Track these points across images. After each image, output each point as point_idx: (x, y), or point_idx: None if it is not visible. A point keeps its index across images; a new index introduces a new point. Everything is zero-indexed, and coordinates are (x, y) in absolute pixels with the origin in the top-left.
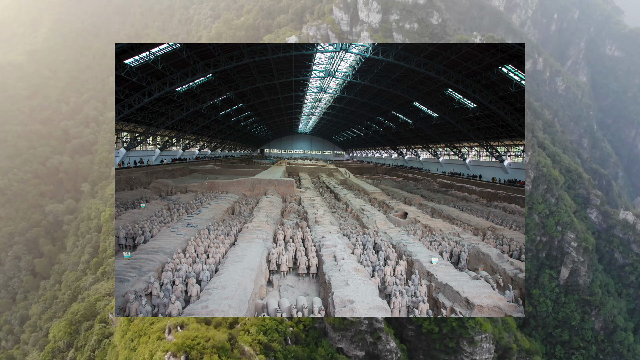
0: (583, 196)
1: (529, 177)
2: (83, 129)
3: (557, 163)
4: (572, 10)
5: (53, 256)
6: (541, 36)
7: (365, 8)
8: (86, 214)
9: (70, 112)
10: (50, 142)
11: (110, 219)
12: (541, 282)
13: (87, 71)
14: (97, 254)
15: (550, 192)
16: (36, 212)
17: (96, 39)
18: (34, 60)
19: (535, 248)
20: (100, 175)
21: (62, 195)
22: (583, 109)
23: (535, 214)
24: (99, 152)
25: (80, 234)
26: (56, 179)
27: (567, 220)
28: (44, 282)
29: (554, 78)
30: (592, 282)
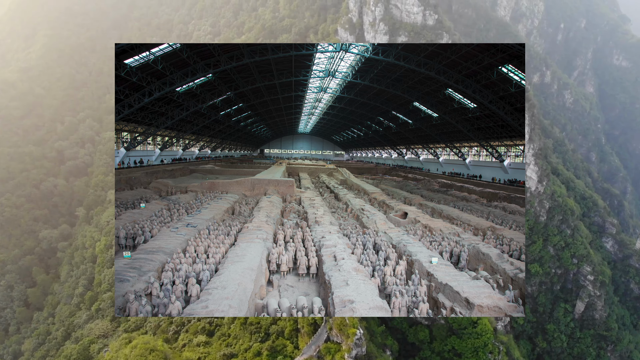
0: (598, 224)
1: (544, 208)
2: (78, 149)
3: (571, 190)
4: (579, 20)
5: (47, 286)
6: (547, 46)
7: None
8: (81, 242)
9: (65, 132)
10: (44, 163)
11: (106, 249)
12: (556, 317)
13: (83, 88)
14: (91, 287)
15: (566, 223)
16: (29, 239)
17: (92, 54)
18: (28, 78)
19: (550, 281)
20: (96, 199)
21: (57, 219)
22: (591, 122)
23: (551, 246)
24: (94, 175)
25: (75, 263)
26: (50, 203)
27: (583, 253)
28: (37, 314)
29: (561, 91)
30: (608, 316)
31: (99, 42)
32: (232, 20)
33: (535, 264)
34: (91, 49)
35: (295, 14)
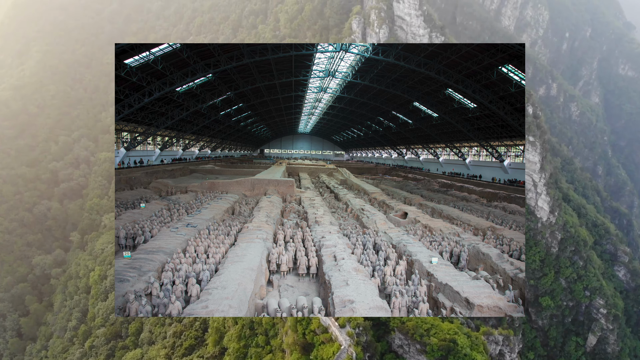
0: (610, 252)
1: (556, 239)
2: (73, 170)
3: (583, 217)
4: (584, 29)
5: (40, 315)
6: (552, 55)
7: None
8: (75, 270)
9: (60, 152)
10: (37, 185)
11: (100, 280)
12: (567, 351)
13: (78, 106)
14: (85, 320)
15: (579, 254)
16: (22, 265)
17: (88, 70)
18: (21, 97)
19: (561, 314)
20: (91, 224)
21: (50, 244)
22: (597, 134)
23: (562, 279)
24: (89, 197)
25: (68, 293)
26: (44, 227)
27: (596, 285)
28: (30, 346)
29: (567, 104)
30: (621, 350)
31: (95, 57)
32: (231, 37)
33: (547, 297)
34: (86, 64)
35: (297, 33)
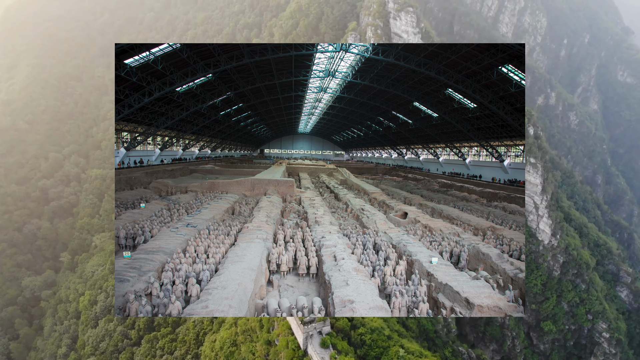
0: (613, 272)
1: (558, 262)
2: (63, 188)
3: (584, 237)
4: (582, 35)
5: (30, 340)
6: (550, 62)
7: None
8: (64, 294)
9: (50, 169)
10: (27, 204)
11: (90, 306)
12: None
13: (69, 121)
14: (74, 347)
15: (581, 277)
16: (12, 287)
17: (79, 84)
18: (10, 112)
19: (563, 338)
20: (82, 243)
21: (40, 264)
22: (597, 143)
23: (565, 302)
24: (80, 216)
25: (58, 318)
26: (34, 247)
27: (598, 309)
28: None
29: (566, 112)
30: None
31: (86, 70)
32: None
33: (549, 322)
34: (77, 77)
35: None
